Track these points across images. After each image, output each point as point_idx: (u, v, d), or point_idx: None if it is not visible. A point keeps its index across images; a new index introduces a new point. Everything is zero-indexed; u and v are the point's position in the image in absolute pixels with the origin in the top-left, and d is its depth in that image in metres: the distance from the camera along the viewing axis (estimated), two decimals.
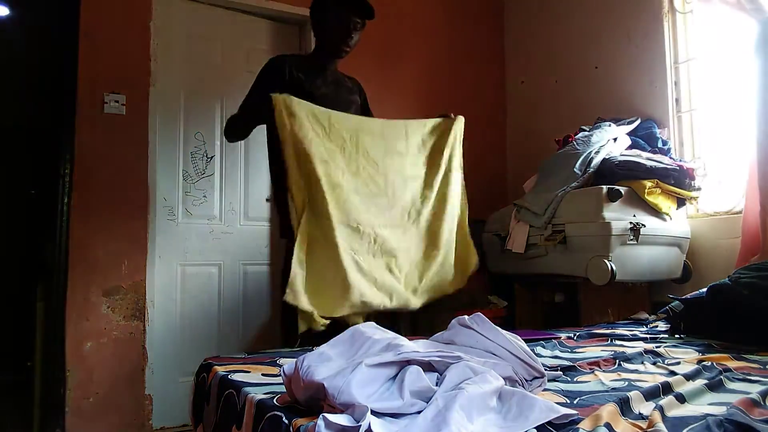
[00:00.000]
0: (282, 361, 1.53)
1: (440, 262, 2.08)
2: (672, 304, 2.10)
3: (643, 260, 2.53)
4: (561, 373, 1.35)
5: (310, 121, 1.87)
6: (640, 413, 1.01)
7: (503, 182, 3.91)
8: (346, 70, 2.41)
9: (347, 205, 1.90)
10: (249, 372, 1.40)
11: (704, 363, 1.40)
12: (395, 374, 1.01)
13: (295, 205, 1.86)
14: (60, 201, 2.57)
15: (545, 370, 1.26)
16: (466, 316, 1.31)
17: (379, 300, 1.93)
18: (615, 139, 2.78)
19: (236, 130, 2.22)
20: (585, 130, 2.93)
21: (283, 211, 2.05)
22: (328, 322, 1.84)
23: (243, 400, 1.18)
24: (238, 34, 3.14)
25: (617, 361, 1.48)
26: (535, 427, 0.88)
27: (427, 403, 0.92)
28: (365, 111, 2.39)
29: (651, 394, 1.10)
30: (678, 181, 2.59)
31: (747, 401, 1.01)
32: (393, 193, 2.03)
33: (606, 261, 2.37)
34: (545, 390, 1.18)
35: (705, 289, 1.95)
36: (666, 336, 1.96)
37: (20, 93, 4.44)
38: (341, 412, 0.91)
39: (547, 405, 0.93)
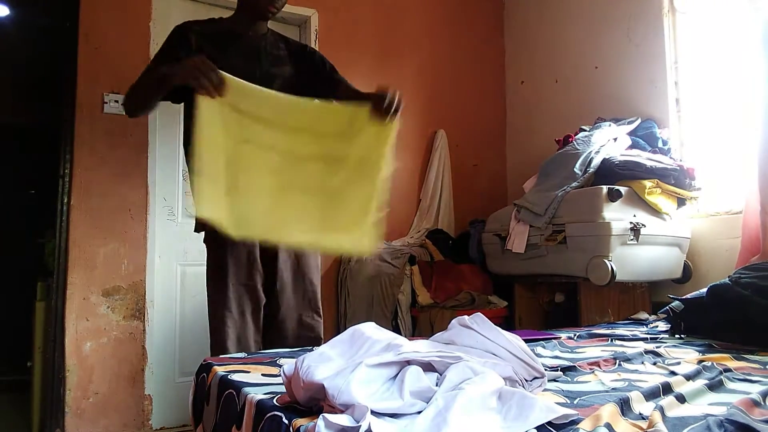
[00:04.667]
0: (282, 361, 1.53)
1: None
2: (672, 304, 2.10)
3: (644, 260, 2.53)
4: (561, 373, 1.34)
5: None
6: (640, 413, 1.01)
7: (503, 182, 3.91)
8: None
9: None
10: (249, 372, 1.40)
11: (704, 363, 1.40)
12: (395, 374, 1.01)
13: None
14: (60, 201, 2.57)
15: (545, 370, 1.26)
16: (466, 316, 1.31)
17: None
18: (615, 139, 2.78)
19: (138, 100, 1.82)
20: (585, 130, 2.93)
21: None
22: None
23: (243, 401, 1.18)
24: None
25: (617, 361, 1.48)
26: (535, 428, 0.88)
27: (427, 403, 0.92)
28: (323, 80, 1.96)
29: (651, 394, 1.10)
30: (678, 181, 2.59)
31: (747, 401, 1.01)
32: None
33: (606, 261, 2.37)
34: (545, 390, 1.18)
35: (705, 290, 1.95)
36: (666, 336, 1.96)
37: (20, 92, 4.44)
38: (341, 412, 0.91)
39: (547, 405, 0.93)
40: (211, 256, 1.86)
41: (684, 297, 2.06)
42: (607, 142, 2.74)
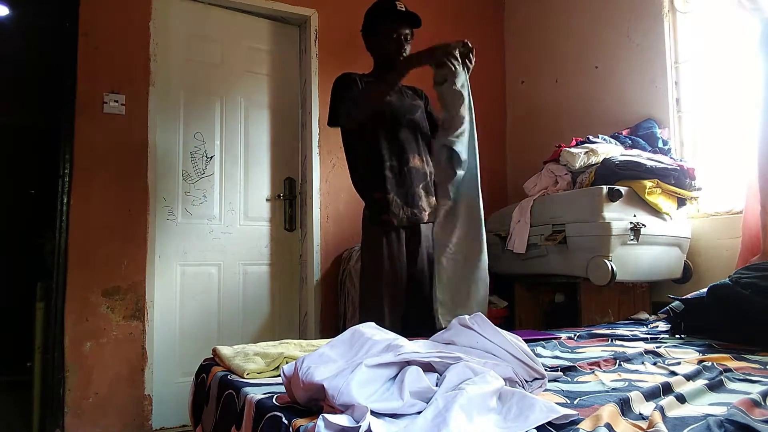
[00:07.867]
0: None
1: None
2: (672, 304, 2.10)
3: (644, 260, 2.53)
4: (561, 373, 1.34)
5: None
6: (640, 413, 1.01)
7: (503, 182, 3.90)
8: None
9: None
10: None
11: (705, 363, 1.40)
12: (395, 375, 1.01)
13: None
14: (59, 201, 2.57)
15: (545, 370, 1.26)
16: (466, 316, 1.31)
17: None
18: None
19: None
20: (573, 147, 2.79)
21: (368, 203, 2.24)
22: None
23: (242, 401, 1.18)
24: (238, 34, 3.13)
25: (617, 361, 1.47)
26: (535, 428, 0.88)
27: (427, 403, 0.92)
28: (429, 114, 2.47)
29: (651, 395, 1.10)
30: (678, 181, 2.59)
31: (747, 401, 1.01)
32: None
33: (606, 261, 2.37)
34: (545, 390, 1.17)
35: (705, 290, 1.95)
36: (666, 336, 1.96)
37: (20, 92, 4.44)
38: (341, 412, 0.91)
39: (547, 405, 0.93)
40: None
41: (684, 297, 2.05)
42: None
